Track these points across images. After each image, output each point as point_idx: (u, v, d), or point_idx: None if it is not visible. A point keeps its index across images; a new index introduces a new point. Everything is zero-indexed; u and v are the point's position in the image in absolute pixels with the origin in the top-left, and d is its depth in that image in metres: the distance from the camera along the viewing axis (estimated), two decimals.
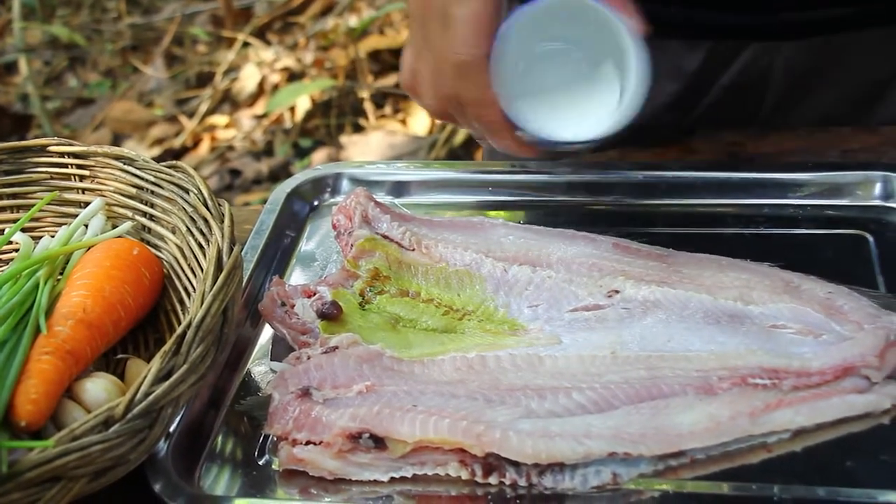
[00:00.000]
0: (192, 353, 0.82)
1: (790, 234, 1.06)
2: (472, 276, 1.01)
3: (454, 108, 0.97)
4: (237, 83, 3.43)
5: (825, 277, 0.99)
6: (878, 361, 0.87)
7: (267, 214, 1.15)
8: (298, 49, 3.50)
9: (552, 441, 0.83)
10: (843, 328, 0.93)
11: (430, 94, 0.97)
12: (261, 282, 1.07)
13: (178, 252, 1.00)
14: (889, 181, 1.08)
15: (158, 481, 0.85)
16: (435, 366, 0.92)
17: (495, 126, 0.96)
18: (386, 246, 1.05)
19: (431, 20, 0.93)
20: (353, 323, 0.97)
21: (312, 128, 3.24)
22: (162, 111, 3.39)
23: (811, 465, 0.82)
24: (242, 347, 1.00)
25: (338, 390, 0.89)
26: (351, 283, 1.01)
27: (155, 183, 1.03)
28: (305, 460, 0.85)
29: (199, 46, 3.66)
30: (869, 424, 0.85)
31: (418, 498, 0.84)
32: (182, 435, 0.89)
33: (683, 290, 0.97)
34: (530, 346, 0.94)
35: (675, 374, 0.89)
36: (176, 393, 0.80)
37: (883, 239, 1.04)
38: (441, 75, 0.94)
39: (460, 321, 0.98)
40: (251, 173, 3.13)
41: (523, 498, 0.82)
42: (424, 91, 0.98)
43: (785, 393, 0.87)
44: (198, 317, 0.83)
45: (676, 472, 0.84)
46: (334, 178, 1.22)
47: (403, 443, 0.84)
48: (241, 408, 0.94)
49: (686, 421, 0.85)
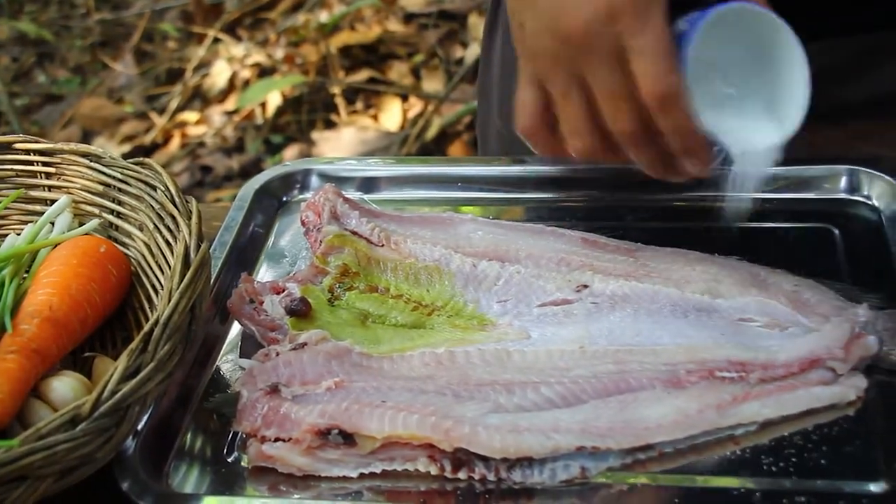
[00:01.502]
0: (159, 351, 0.82)
1: (757, 227, 1.07)
2: (441, 271, 1.02)
3: (633, 143, 0.90)
4: (208, 79, 3.42)
5: (792, 270, 1.00)
6: (844, 353, 0.88)
7: (236, 211, 1.14)
8: (269, 45, 3.48)
9: (521, 436, 0.83)
10: (810, 321, 0.93)
11: (587, 136, 0.90)
12: (230, 279, 1.07)
13: (146, 249, 1.00)
14: (855, 175, 1.09)
15: (126, 480, 0.84)
16: (404, 361, 0.92)
17: (699, 151, 0.90)
18: (355, 242, 1.05)
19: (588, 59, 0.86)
20: (322, 319, 0.97)
21: (283, 124, 3.23)
22: (132, 108, 3.37)
23: (778, 456, 0.83)
24: (211, 344, 1.00)
25: (307, 387, 0.89)
26: (320, 279, 1.01)
27: (122, 180, 1.03)
28: (274, 457, 0.85)
29: (169, 42, 3.64)
30: (834, 416, 0.86)
31: (388, 493, 0.84)
32: (150, 433, 0.89)
33: (651, 284, 0.97)
34: (499, 341, 0.94)
35: (643, 368, 0.90)
36: (143, 391, 0.80)
37: (848, 232, 1.05)
38: (619, 113, 0.87)
39: (429, 317, 0.98)
40: (222, 170, 3.12)
41: (492, 493, 0.83)
42: (577, 133, 0.90)
43: (752, 386, 0.88)
44: (165, 314, 0.83)
45: (645, 465, 0.84)
46: (303, 175, 1.21)
47: (372, 439, 0.84)
48: (210, 405, 0.94)
49: (654, 414, 0.86)
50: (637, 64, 0.84)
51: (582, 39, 0.85)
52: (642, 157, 0.92)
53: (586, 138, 0.90)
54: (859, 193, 1.09)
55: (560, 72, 0.88)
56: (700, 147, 0.89)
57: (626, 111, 0.87)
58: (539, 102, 0.91)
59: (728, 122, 0.91)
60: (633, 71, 0.85)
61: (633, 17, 0.84)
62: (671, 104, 0.85)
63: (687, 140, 0.88)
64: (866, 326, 0.91)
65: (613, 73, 0.85)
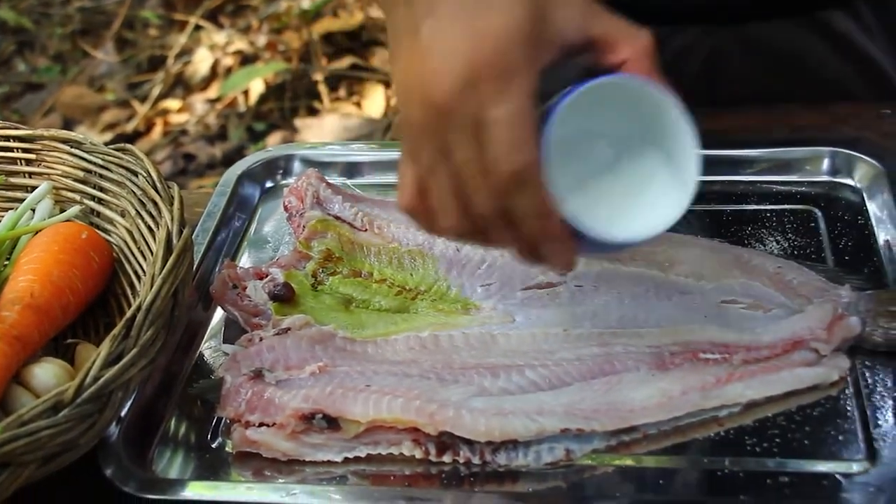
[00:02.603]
0: (142, 337, 0.81)
1: (740, 210, 1.07)
2: (424, 255, 1.01)
3: (494, 225, 0.79)
4: (190, 67, 3.40)
5: (775, 252, 1.01)
6: (826, 334, 0.88)
7: (218, 197, 1.14)
8: (251, 32, 3.47)
9: (505, 419, 0.83)
10: (793, 302, 0.94)
11: (454, 216, 0.79)
12: (212, 264, 1.07)
13: (128, 235, 0.99)
14: (837, 157, 1.10)
15: (110, 466, 0.84)
16: (388, 345, 0.92)
17: (557, 237, 0.79)
18: (338, 227, 1.05)
19: (450, 130, 0.76)
20: (306, 304, 0.97)
21: (266, 111, 3.22)
22: (113, 96, 3.35)
23: (761, 437, 0.83)
24: (194, 330, 1.00)
25: (290, 371, 0.89)
26: (303, 264, 1.01)
27: (103, 166, 1.02)
28: (258, 442, 0.85)
29: (151, 30, 3.62)
30: (817, 396, 0.86)
31: (372, 478, 0.84)
32: (133, 419, 0.89)
33: (635, 267, 0.97)
34: (483, 324, 0.94)
35: (627, 351, 0.90)
36: (126, 377, 0.80)
37: (831, 214, 1.05)
38: (477, 191, 0.77)
39: (413, 301, 0.98)
40: (205, 158, 3.10)
41: (477, 476, 0.83)
42: (444, 212, 0.80)
43: (735, 367, 0.88)
44: (147, 300, 0.83)
45: (629, 447, 0.84)
46: (286, 160, 1.21)
47: (357, 423, 0.84)
48: (194, 391, 0.94)
49: (638, 396, 0.86)
50: (488, 137, 0.74)
51: (445, 109, 0.75)
52: (503, 242, 0.81)
53: (453, 219, 0.80)
54: (841, 175, 1.09)
55: (426, 145, 0.78)
56: (556, 233, 0.78)
57: (484, 190, 0.76)
58: (415, 179, 0.80)
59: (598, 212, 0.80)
60: (486, 144, 0.75)
61: (493, 85, 0.73)
62: (522, 184, 0.75)
63: (543, 225, 0.77)
64: (849, 307, 0.91)
65: (472, 147, 0.75)
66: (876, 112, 1.18)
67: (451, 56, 0.74)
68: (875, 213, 1.04)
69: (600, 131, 0.83)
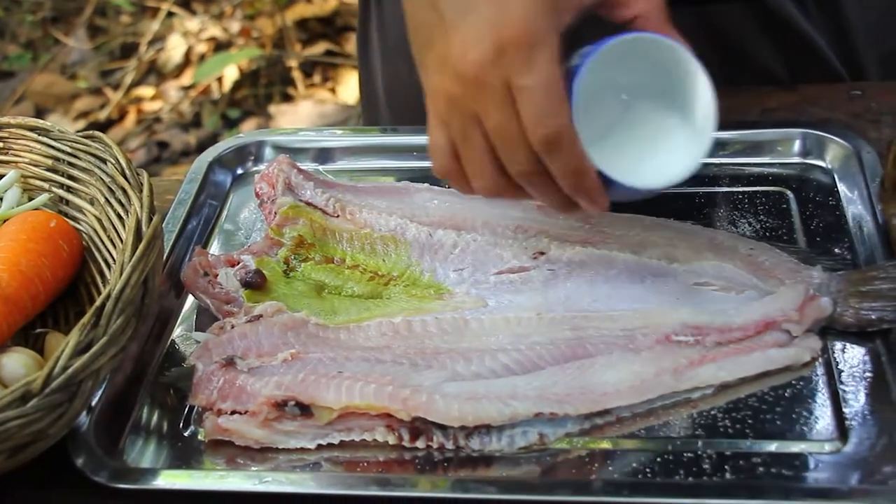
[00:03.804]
0: (111, 325, 0.81)
1: (713, 192, 1.07)
2: (397, 241, 1.01)
3: (530, 182, 0.86)
4: (163, 54, 3.38)
5: (747, 234, 1.01)
6: (798, 315, 0.88)
7: (189, 184, 1.13)
8: (224, 18, 3.45)
9: (478, 403, 0.83)
10: (765, 284, 0.94)
11: (489, 176, 0.86)
12: (184, 252, 1.06)
13: (98, 223, 0.98)
14: (808, 138, 1.10)
15: (81, 455, 0.84)
16: (360, 331, 0.92)
17: (593, 191, 0.85)
18: (310, 213, 1.04)
19: (482, 98, 0.82)
20: (278, 291, 0.96)
21: (241, 98, 3.21)
22: (86, 83, 3.33)
23: (734, 419, 0.84)
24: (166, 318, 0.99)
25: (262, 359, 0.89)
26: (275, 251, 1.00)
27: (72, 154, 1.01)
28: (231, 430, 0.85)
29: (123, 17, 3.59)
30: (789, 377, 0.87)
31: (346, 464, 0.84)
32: (105, 408, 0.88)
33: (608, 249, 0.97)
34: (456, 309, 0.94)
35: (600, 334, 0.90)
36: (96, 365, 0.79)
37: (802, 195, 1.05)
38: (512, 154, 0.83)
39: (386, 287, 0.97)
40: (179, 145, 3.09)
41: (451, 461, 0.83)
42: (479, 174, 0.86)
43: (708, 349, 0.88)
44: (117, 288, 0.82)
45: (602, 430, 0.84)
46: (257, 146, 1.20)
47: (329, 409, 0.84)
48: (166, 379, 0.93)
49: (611, 379, 0.86)
50: (522, 105, 0.81)
51: (474, 80, 0.81)
52: (542, 196, 0.87)
53: (488, 179, 0.86)
54: (813, 157, 1.09)
55: (457, 113, 0.84)
56: (592, 187, 0.84)
57: (519, 152, 0.83)
58: (448, 144, 0.87)
59: (627, 163, 0.86)
60: (520, 112, 0.81)
61: (520, 55, 0.79)
62: (557, 146, 0.81)
63: (578, 181, 0.84)
64: (820, 288, 0.91)
65: (504, 114, 0.82)
66: (846, 93, 1.18)
67: (478, 28, 0.80)
68: (846, 193, 1.04)
69: (620, 86, 0.88)
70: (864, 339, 0.89)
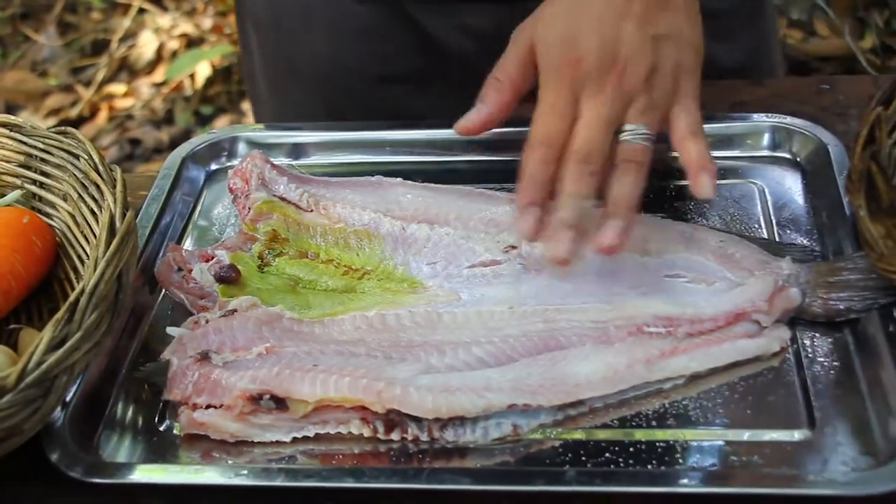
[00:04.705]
0: (86, 321, 0.81)
1: (683, 185, 1.08)
2: (370, 235, 1.01)
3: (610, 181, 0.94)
4: (134, 50, 3.36)
5: (717, 226, 1.02)
6: (768, 306, 0.90)
7: (162, 180, 1.13)
8: (196, 15, 3.43)
9: (452, 395, 0.83)
10: (735, 275, 0.95)
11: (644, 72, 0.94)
12: (158, 248, 1.06)
13: (71, 219, 0.98)
14: (777, 132, 1.11)
15: (55, 451, 0.83)
16: (335, 325, 0.92)
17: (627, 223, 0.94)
18: (283, 208, 1.04)
19: None
20: (252, 286, 0.97)
21: (213, 95, 3.19)
22: (57, 80, 3.30)
23: (705, 408, 0.85)
24: (140, 314, 0.99)
25: (237, 353, 0.89)
26: (249, 245, 1.01)
27: (44, 150, 1.01)
28: (206, 424, 0.85)
29: (93, 13, 3.57)
30: (759, 367, 0.88)
31: (321, 457, 0.84)
32: (79, 403, 0.88)
33: None
34: (429, 303, 0.94)
35: (573, 326, 0.91)
36: (70, 361, 0.79)
37: (772, 187, 1.07)
38: None
39: (360, 281, 0.98)
40: (152, 142, 3.07)
41: (425, 453, 0.83)
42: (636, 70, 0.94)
43: (679, 340, 0.89)
44: (91, 283, 0.82)
45: (575, 420, 0.85)
46: (230, 142, 1.20)
47: (304, 402, 0.84)
48: (140, 374, 0.93)
49: (584, 371, 0.87)
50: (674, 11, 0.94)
51: None
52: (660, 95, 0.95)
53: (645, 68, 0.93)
54: (782, 149, 1.11)
55: None
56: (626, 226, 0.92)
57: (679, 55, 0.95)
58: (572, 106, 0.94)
59: None
60: None
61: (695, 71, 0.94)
62: None
63: None
64: (789, 279, 0.92)
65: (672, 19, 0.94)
66: (815, 87, 1.19)
67: None
68: (814, 186, 1.05)
69: None
70: (833, 329, 0.90)
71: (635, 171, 0.93)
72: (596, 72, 0.92)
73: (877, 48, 2.83)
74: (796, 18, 2.98)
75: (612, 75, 0.93)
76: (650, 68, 0.93)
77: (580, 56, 0.93)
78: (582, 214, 0.92)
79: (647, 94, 0.94)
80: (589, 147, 0.92)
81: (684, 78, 0.95)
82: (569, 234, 0.91)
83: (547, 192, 0.94)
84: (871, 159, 0.86)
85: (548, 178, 0.93)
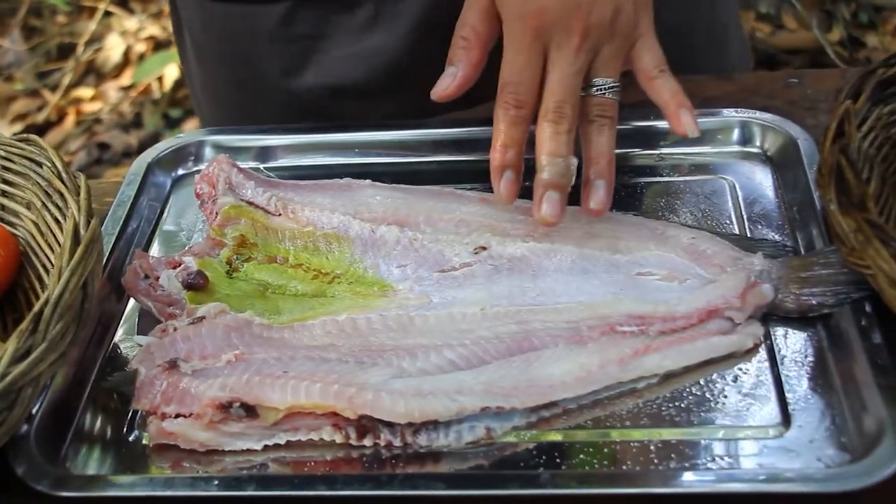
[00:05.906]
0: (50, 331, 0.79)
1: (654, 182, 1.08)
2: (340, 238, 1.00)
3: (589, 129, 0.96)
4: (101, 54, 3.33)
5: (689, 223, 1.01)
6: (740, 302, 0.89)
7: (128, 186, 1.12)
8: (163, 17, 3.41)
9: (425, 399, 0.82)
10: (707, 272, 0.94)
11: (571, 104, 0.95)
12: (124, 255, 1.04)
13: (35, 228, 0.97)
14: (746, 127, 1.11)
15: (21, 465, 0.82)
16: (305, 330, 0.91)
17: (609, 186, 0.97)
18: (251, 212, 1.03)
19: None
20: (221, 292, 0.95)
21: (182, 97, 3.17)
22: (22, 85, 3.27)
23: (679, 407, 0.84)
24: (107, 323, 0.98)
25: (206, 361, 0.88)
26: (217, 251, 0.99)
27: (6, 158, 1.00)
28: (176, 433, 0.84)
29: (59, 17, 3.54)
30: (733, 364, 0.87)
31: (293, 464, 0.83)
32: (46, 415, 0.87)
33: (550, 242, 0.97)
34: (400, 306, 0.93)
35: (545, 327, 0.90)
36: (35, 372, 0.78)
37: (742, 183, 1.06)
38: None
39: (330, 285, 0.97)
40: (120, 146, 3.05)
41: (399, 458, 0.82)
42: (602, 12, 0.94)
43: (652, 338, 0.89)
44: (56, 293, 0.81)
45: (549, 422, 0.85)
46: (197, 146, 1.19)
47: (275, 410, 0.83)
48: (108, 384, 0.92)
49: (557, 372, 0.86)
50: None
51: None
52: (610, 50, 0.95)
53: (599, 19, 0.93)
54: (752, 145, 1.10)
55: None
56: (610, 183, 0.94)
57: None
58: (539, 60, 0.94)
59: None
60: None
61: None
62: None
63: None
64: (761, 275, 0.92)
65: None
66: (783, 82, 1.19)
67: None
68: (785, 181, 1.05)
69: None
70: (806, 325, 0.90)
71: (609, 127, 0.95)
72: (563, 20, 0.92)
73: (844, 41, 2.85)
74: (764, 12, 3.00)
75: (578, 20, 0.92)
76: (614, 10, 0.93)
77: (543, 5, 0.92)
78: (562, 172, 0.93)
79: (612, 40, 0.94)
80: (562, 105, 0.93)
81: (642, 13, 0.96)
82: (555, 194, 0.93)
83: (521, 152, 0.95)
84: (840, 153, 0.86)
85: (521, 138, 0.94)
